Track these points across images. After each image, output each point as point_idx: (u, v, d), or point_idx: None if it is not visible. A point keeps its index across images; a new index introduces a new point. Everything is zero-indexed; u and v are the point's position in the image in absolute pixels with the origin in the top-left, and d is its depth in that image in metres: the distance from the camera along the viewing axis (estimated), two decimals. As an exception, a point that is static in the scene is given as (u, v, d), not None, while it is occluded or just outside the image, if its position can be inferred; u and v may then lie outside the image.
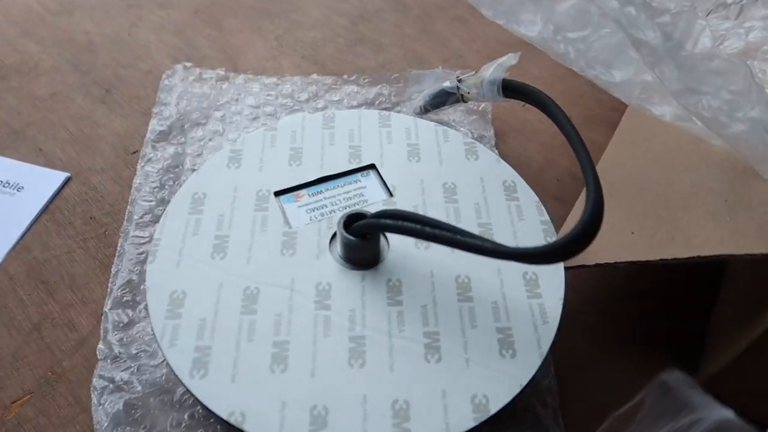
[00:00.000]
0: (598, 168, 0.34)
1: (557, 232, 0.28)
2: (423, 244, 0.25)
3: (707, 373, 0.27)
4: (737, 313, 0.27)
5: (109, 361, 0.26)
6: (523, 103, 0.41)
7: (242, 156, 0.27)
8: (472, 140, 0.29)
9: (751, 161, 0.21)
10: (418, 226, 0.21)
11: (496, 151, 0.36)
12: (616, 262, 0.25)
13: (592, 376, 0.28)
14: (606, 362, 0.28)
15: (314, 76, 0.40)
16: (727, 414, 0.17)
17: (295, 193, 0.26)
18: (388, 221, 0.22)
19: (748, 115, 0.20)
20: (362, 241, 0.23)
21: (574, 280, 0.32)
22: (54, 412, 0.26)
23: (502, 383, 0.21)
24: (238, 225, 0.25)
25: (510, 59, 0.31)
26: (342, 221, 0.23)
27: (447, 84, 0.35)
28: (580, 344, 0.29)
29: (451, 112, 0.39)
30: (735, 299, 0.28)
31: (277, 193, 0.26)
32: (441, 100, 0.36)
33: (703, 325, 0.29)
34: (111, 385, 0.25)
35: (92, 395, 0.25)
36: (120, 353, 0.26)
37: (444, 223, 0.21)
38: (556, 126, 0.26)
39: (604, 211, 0.21)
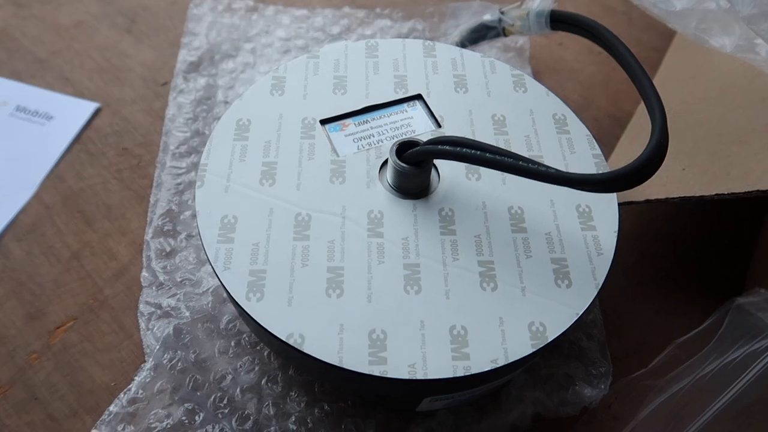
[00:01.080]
0: (641, 108, 0.33)
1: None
2: (474, 174, 0.24)
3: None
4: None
5: (154, 287, 0.26)
6: (560, 41, 0.40)
7: (285, 83, 0.27)
8: (521, 72, 0.28)
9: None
10: (479, 153, 0.21)
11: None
12: (667, 198, 0.25)
13: (631, 315, 0.28)
14: (645, 302, 0.28)
15: (346, 8, 0.39)
16: None
17: (341, 122, 0.26)
18: (447, 147, 0.21)
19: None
20: (415, 169, 0.22)
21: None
22: (98, 337, 0.26)
23: (559, 312, 0.21)
24: (285, 152, 0.24)
25: (558, -10, 0.30)
26: (394, 148, 0.23)
27: (487, 17, 0.34)
28: (618, 283, 0.29)
29: (487, 49, 0.38)
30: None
31: (323, 122, 0.25)
32: (480, 34, 0.35)
33: (744, 268, 0.29)
34: (158, 311, 0.25)
35: (140, 320, 0.25)
36: (165, 281, 0.26)
37: (504, 150, 0.20)
38: (614, 58, 0.25)
39: (667, 125, 0.20)
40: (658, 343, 0.26)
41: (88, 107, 0.34)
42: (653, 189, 0.26)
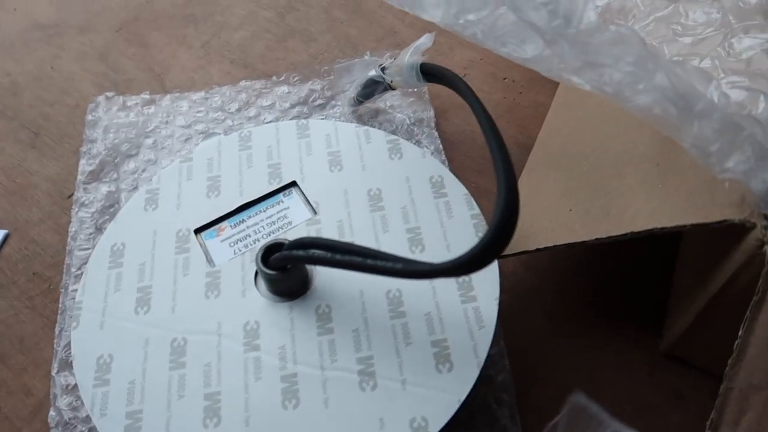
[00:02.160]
0: (540, 136, 0.33)
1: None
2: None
3: (670, 338, 0.26)
4: (695, 275, 0.26)
5: (60, 428, 0.26)
6: (463, 72, 0.39)
7: (159, 195, 0.26)
8: (395, 137, 0.27)
9: (663, 132, 0.19)
10: (329, 254, 0.20)
11: (436, 134, 0.35)
12: (555, 245, 0.24)
13: (553, 358, 0.27)
14: (566, 340, 0.28)
15: (243, 82, 0.38)
16: None
17: (216, 227, 0.25)
18: (300, 252, 0.21)
19: (650, 84, 0.18)
20: (283, 273, 0.22)
21: (527, 257, 0.31)
22: (20, 483, 0.26)
23: (440, 401, 0.20)
24: (159, 272, 0.24)
25: (426, 41, 0.30)
26: (259, 256, 0.22)
27: (372, 73, 0.33)
28: (539, 325, 0.28)
29: (388, 98, 0.37)
30: (691, 263, 0.27)
31: (198, 230, 0.25)
32: (371, 89, 0.34)
33: (665, 292, 0.28)
34: (64, 453, 0.25)
35: (47, 465, 0.25)
36: (70, 419, 0.26)
37: (355, 247, 0.20)
38: (472, 112, 0.24)
39: (518, 196, 0.19)
40: (583, 387, 0.26)
41: (-4, 235, 0.34)
42: (542, 235, 0.25)
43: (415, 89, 0.37)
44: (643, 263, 0.30)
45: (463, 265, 0.19)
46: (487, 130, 0.22)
